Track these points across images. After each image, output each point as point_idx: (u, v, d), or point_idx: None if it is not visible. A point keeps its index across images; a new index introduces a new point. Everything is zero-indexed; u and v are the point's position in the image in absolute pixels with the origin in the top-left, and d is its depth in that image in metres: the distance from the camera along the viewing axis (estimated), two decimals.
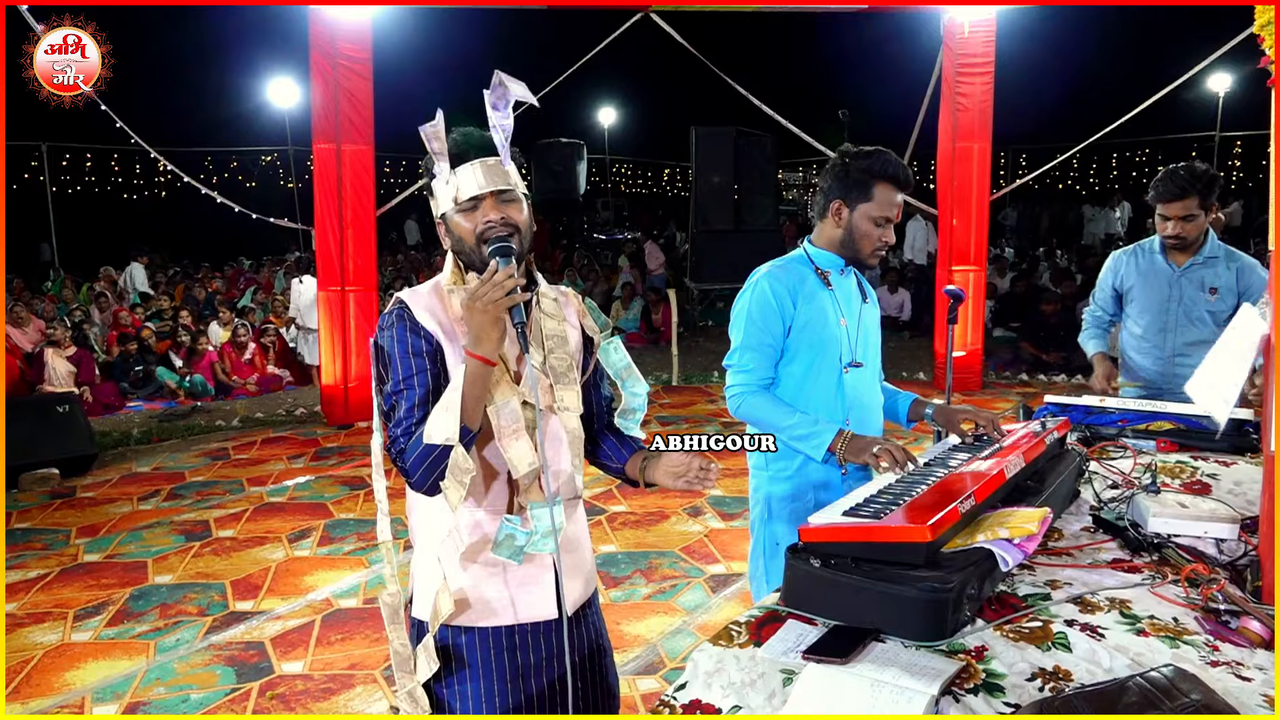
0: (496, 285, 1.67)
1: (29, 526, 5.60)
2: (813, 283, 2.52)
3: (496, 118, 1.76)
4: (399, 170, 21.25)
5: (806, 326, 2.48)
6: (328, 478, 6.46)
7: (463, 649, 1.87)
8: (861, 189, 2.46)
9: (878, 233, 2.48)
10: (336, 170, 7.53)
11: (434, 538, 1.85)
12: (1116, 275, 3.70)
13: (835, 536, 1.68)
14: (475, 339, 1.69)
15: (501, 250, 1.73)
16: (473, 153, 1.80)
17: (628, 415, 2.03)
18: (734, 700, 1.41)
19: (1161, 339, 3.52)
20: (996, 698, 1.37)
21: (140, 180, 21.18)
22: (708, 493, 5.65)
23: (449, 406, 1.68)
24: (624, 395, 2.04)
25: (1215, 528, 1.99)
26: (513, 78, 1.73)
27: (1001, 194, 10.87)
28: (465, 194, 1.79)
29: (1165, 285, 3.51)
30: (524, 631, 1.89)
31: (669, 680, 3.53)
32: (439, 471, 1.70)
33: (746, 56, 15.79)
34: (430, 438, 1.68)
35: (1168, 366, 3.51)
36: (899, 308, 12.53)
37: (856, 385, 2.54)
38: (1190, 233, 3.40)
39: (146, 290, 13.16)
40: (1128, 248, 3.74)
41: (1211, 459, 2.59)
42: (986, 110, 8.41)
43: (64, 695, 3.62)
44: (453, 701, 1.88)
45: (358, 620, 4.20)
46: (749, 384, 2.49)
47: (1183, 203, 3.37)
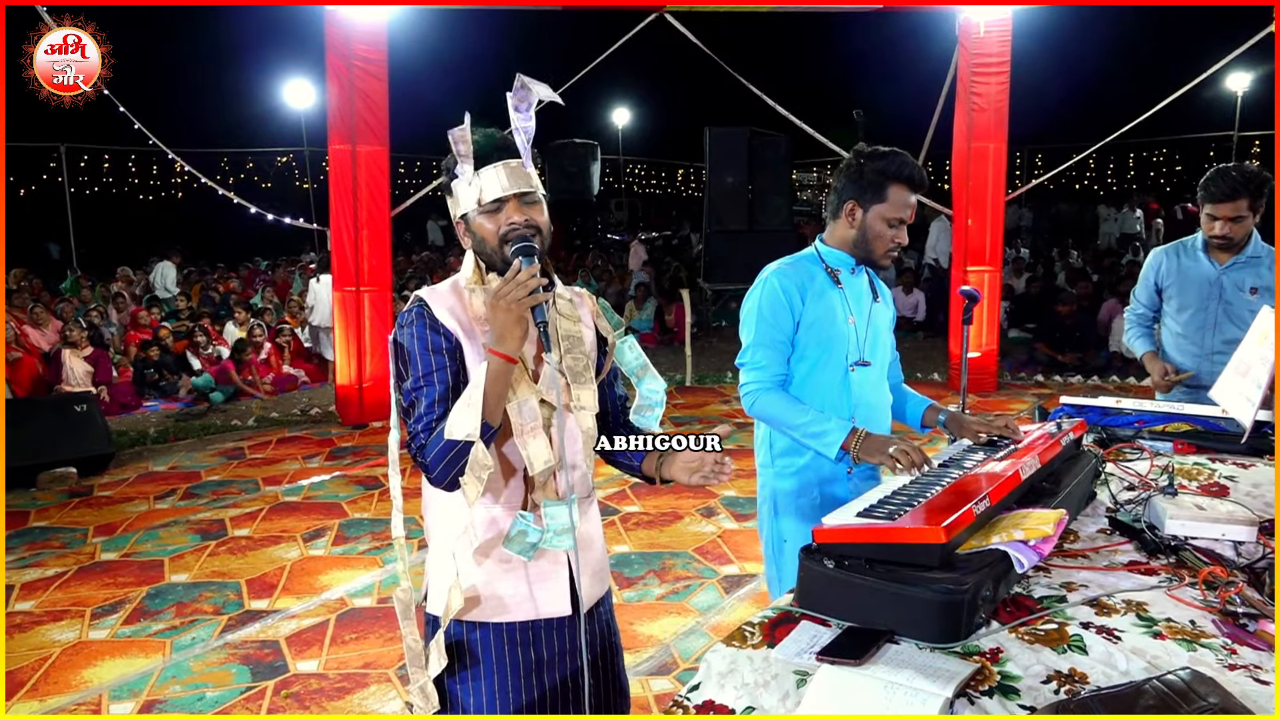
0: (520, 284, 1.69)
1: (47, 525, 5.64)
2: (822, 280, 2.52)
3: (518, 120, 1.77)
4: (414, 171, 21.35)
5: (814, 324, 2.48)
6: (342, 477, 6.49)
7: (476, 645, 1.88)
8: (876, 190, 2.46)
9: (891, 233, 2.48)
10: (352, 171, 7.56)
11: (449, 534, 1.87)
12: (1157, 271, 3.68)
13: (849, 537, 1.68)
14: (498, 337, 1.71)
15: (525, 250, 1.75)
16: (496, 155, 1.81)
17: (645, 412, 2.03)
18: (747, 701, 1.41)
19: (1201, 336, 3.51)
20: (1012, 700, 1.36)
21: (157, 181, 21.34)
22: (721, 492, 5.64)
23: (471, 403, 1.70)
24: (640, 393, 2.04)
25: (1233, 530, 1.97)
26: (534, 80, 1.75)
27: (1017, 194, 10.82)
28: (489, 196, 1.80)
29: (1206, 283, 3.50)
30: (537, 627, 1.91)
31: (682, 681, 3.53)
32: (459, 467, 1.72)
33: (761, 57, 15.79)
34: (451, 433, 1.70)
35: (1206, 364, 3.48)
36: (913, 308, 12.49)
37: (863, 384, 2.54)
38: (1238, 234, 3.39)
39: (173, 290, 13.30)
40: (1169, 245, 3.72)
41: (1229, 461, 2.57)
42: (1002, 110, 8.37)
43: (81, 693, 3.65)
44: (465, 697, 1.89)
45: (372, 619, 4.21)
46: (762, 380, 2.49)
47: (1233, 204, 3.35)
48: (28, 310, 9.84)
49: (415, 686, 1.89)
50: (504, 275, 1.77)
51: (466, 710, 1.89)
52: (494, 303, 1.71)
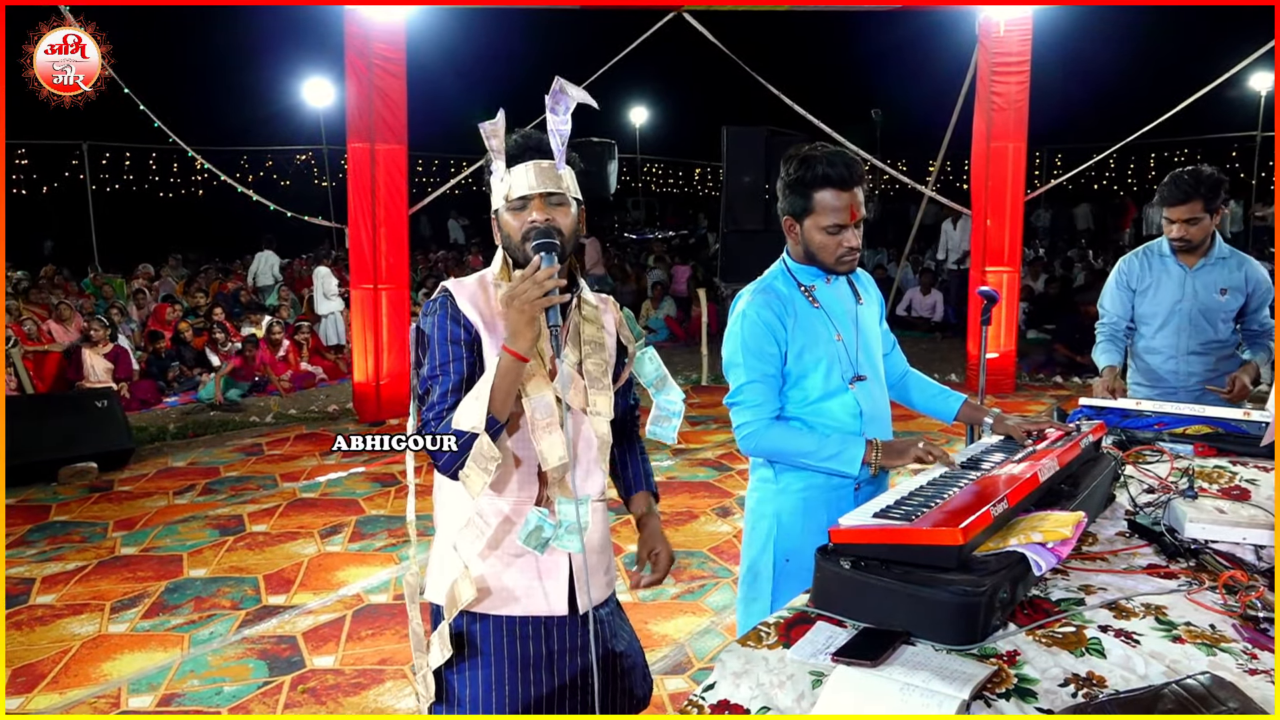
0: (537, 284, 1.70)
1: (68, 519, 5.70)
2: (800, 303, 2.38)
3: (555, 122, 1.80)
4: (431, 169, 21.40)
5: (803, 352, 2.34)
6: (359, 474, 6.52)
7: (475, 635, 1.91)
8: (803, 201, 2.30)
9: (834, 241, 2.29)
10: (370, 169, 7.59)
11: (454, 525, 1.88)
12: (1130, 275, 3.71)
13: (865, 538, 1.68)
14: (511, 335, 1.73)
15: (545, 248, 1.76)
16: (528, 154, 1.84)
17: (663, 423, 2.04)
18: (762, 701, 1.41)
19: (1175, 339, 3.58)
20: (1029, 703, 1.36)
21: (177, 179, 21.49)
22: (736, 492, 5.64)
23: (479, 396, 1.73)
24: (658, 404, 2.05)
25: (1254, 534, 1.96)
26: (571, 84, 1.77)
27: (1037, 194, 10.75)
28: (515, 193, 1.83)
29: (1177, 286, 3.56)
30: (535, 623, 1.92)
31: (697, 680, 3.53)
32: (464, 457, 1.74)
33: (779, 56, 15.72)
34: (459, 424, 1.73)
35: (1180, 366, 3.57)
36: (931, 308, 12.44)
37: (865, 398, 2.41)
38: (1195, 236, 3.46)
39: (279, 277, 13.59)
40: (1136, 250, 3.77)
41: (1250, 464, 2.55)
42: (1022, 110, 8.31)
43: (100, 686, 3.68)
44: (460, 687, 1.91)
45: (388, 616, 4.23)
46: (760, 418, 2.34)
47: (1187, 206, 3.42)
48: (52, 306, 9.93)
49: (418, 676, 1.92)
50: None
51: (461, 699, 1.90)
52: (508, 300, 1.73)
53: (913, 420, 6.73)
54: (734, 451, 6.74)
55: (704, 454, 6.82)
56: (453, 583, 1.85)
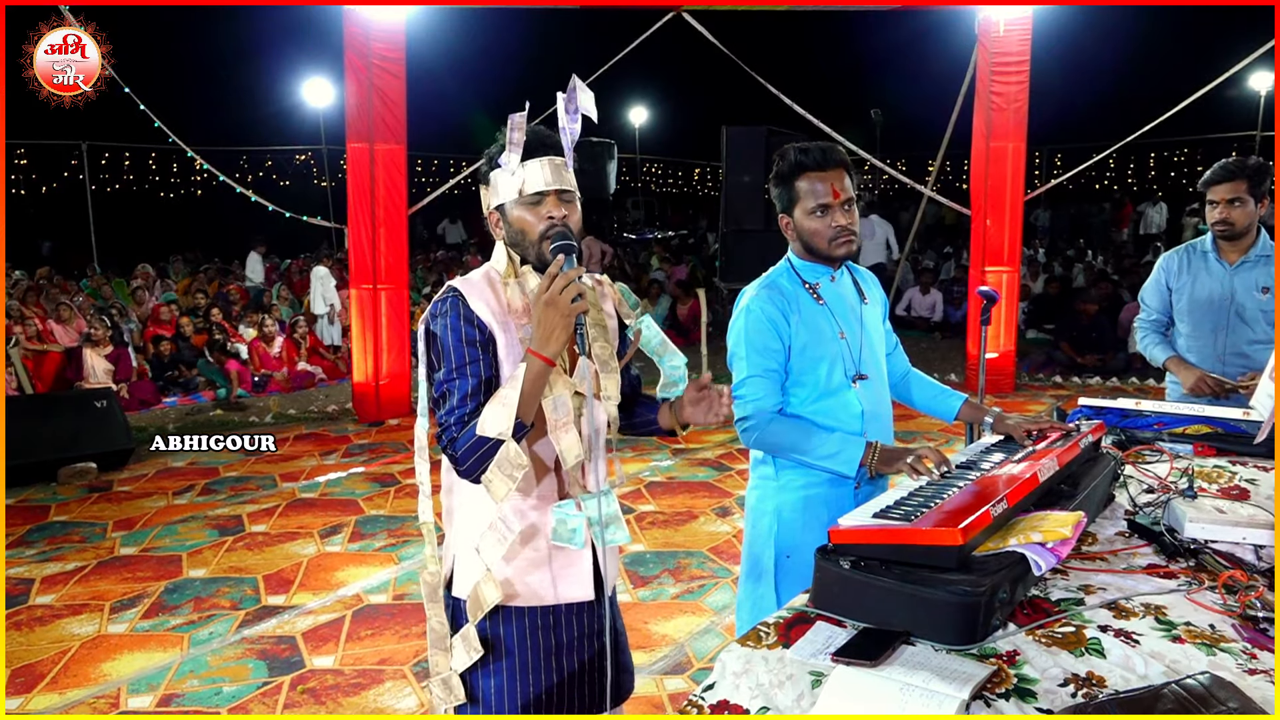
0: (574, 286, 1.69)
1: (67, 519, 5.69)
2: (804, 299, 2.41)
3: (566, 121, 1.79)
4: (430, 170, 21.40)
5: (805, 348, 2.37)
6: (359, 474, 6.52)
7: (499, 629, 1.90)
8: (788, 193, 2.39)
9: (822, 224, 2.34)
10: (369, 169, 7.59)
11: (474, 527, 1.87)
12: (1169, 273, 3.64)
13: (865, 538, 1.68)
14: (544, 339, 1.71)
15: (566, 249, 1.76)
16: (542, 150, 1.83)
17: (670, 388, 2.05)
18: (762, 701, 1.41)
19: (1213, 338, 3.47)
20: (1028, 703, 1.36)
21: (177, 179, 21.49)
22: (735, 492, 5.64)
23: (506, 402, 1.70)
24: (664, 369, 2.05)
25: (1254, 534, 1.95)
26: (586, 89, 1.79)
27: (1036, 194, 10.75)
28: (531, 187, 1.81)
29: (1217, 284, 3.47)
30: (559, 612, 1.93)
31: (696, 680, 3.53)
32: (488, 462, 1.73)
33: (778, 55, 15.74)
34: (484, 430, 1.70)
35: (1219, 366, 3.44)
36: (930, 308, 12.44)
37: (867, 397, 2.43)
38: (1238, 220, 3.36)
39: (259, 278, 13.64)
40: (1179, 247, 3.68)
41: (1250, 464, 2.55)
42: (1021, 110, 8.31)
43: (100, 686, 3.68)
44: (485, 682, 1.90)
45: (387, 616, 4.23)
46: (761, 412, 2.37)
47: (1230, 184, 3.33)
48: (51, 307, 9.92)
49: (437, 678, 1.90)
50: (542, 271, 1.78)
51: (486, 697, 1.90)
52: (546, 303, 1.69)
53: (913, 419, 6.74)
54: (734, 451, 6.74)
55: (704, 454, 6.82)
56: (475, 584, 1.84)
